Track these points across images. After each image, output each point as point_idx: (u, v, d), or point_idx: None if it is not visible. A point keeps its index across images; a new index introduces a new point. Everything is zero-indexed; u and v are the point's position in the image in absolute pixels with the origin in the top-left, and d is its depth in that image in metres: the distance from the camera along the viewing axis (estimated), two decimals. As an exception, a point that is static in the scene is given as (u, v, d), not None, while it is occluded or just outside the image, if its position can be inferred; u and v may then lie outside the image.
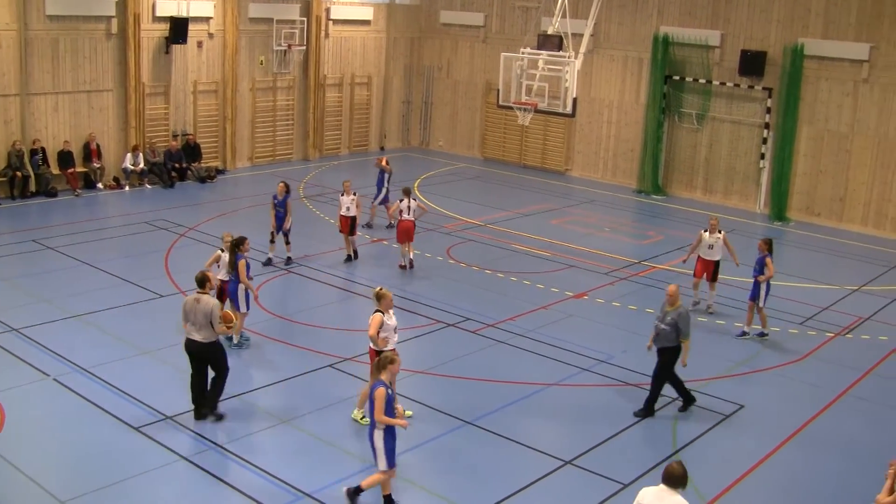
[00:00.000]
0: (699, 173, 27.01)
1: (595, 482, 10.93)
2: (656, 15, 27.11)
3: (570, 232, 22.57)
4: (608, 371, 14.19)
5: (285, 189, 18.18)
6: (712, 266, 16.86)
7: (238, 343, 14.33)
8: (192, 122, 26.62)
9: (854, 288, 19.21)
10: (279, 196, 18.13)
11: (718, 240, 16.76)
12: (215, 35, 26.69)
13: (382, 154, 28.83)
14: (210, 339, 11.66)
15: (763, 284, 15.60)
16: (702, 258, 16.92)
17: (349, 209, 18.74)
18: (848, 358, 15.29)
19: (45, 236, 19.71)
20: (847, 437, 12.52)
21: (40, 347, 13.86)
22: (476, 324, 15.92)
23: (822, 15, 24.13)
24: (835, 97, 24.23)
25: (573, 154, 29.76)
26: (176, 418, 11.87)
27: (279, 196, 18.13)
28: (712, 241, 16.80)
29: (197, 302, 11.56)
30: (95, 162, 24.15)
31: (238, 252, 14.14)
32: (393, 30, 31.89)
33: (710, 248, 16.80)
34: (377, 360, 9.95)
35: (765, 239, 16.10)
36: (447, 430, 12.05)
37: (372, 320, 11.47)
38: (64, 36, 23.35)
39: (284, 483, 10.50)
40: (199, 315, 11.53)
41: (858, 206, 24.21)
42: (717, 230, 16.83)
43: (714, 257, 16.82)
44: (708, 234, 16.86)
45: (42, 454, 11.05)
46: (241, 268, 14.04)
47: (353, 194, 18.88)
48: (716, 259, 16.83)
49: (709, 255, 16.81)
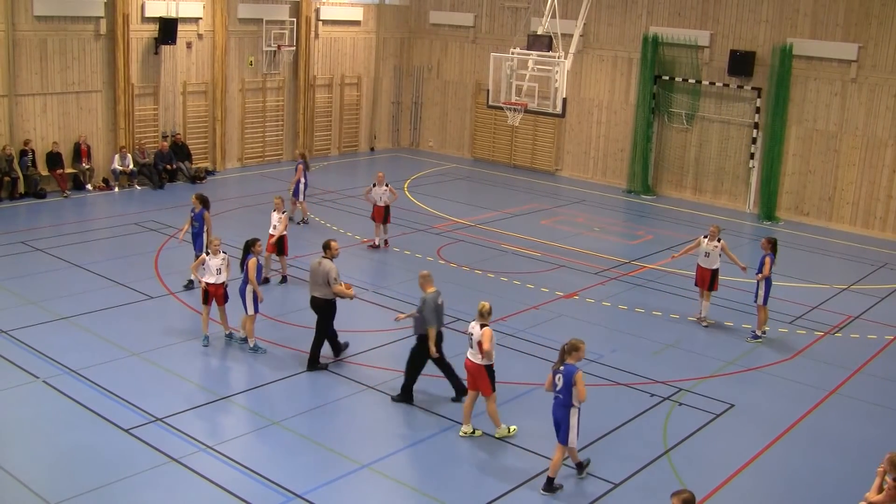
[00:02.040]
0: (689, 173, 27.09)
1: (586, 481, 10.94)
2: (646, 15, 27.17)
3: (559, 232, 22.60)
4: (598, 370, 14.20)
5: (199, 201, 16.53)
6: (709, 275, 16.22)
7: (253, 348, 14.16)
8: (181, 123, 26.55)
9: (843, 287, 19.30)
10: (195, 209, 16.52)
11: (716, 248, 16.09)
12: (204, 36, 26.63)
13: (373, 154, 28.79)
14: (326, 297, 13.51)
15: (762, 283, 15.49)
16: (699, 266, 16.39)
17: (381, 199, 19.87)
18: (837, 356, 15.36)
19: (33, 238, 19.63)
20: (837, 436, 12.57)
21: (29, 350, 13.80)
22: (466, 324, 15.87)
23: (810, 15, 24.23)
24: (823, 97, 24.33)
25: (563, 154, 29.80)
26: (166, 420, 11.84)
27: (195, 209, 16.52)
28: (708, 249, 16.14)
29: (319, 265, 13.47)
30: (84, 163, 24.06)
31: (250, 252, 14.03)
32: (382, 30, 31.87)
33: (705, 256, 16.19)
34: (568, 345, 10.49)
35: (769, 238, 15.87)
36: (439, 431, 12.04)
37: (486, 334, 11.38)
38: (52, 36, 23.26)
39: (275, 484, 10.48)
40: (318, 276, 13.42)
41: (847, 205, 24.32)
42: (717, 238, 16.13)
43: (710, 266, 16.18)
44: (707, 240, 16.23)
45: (31, 456, 11.00)
46: (252, 268, 13.89)
47: (386, 185, 19.92)
48: (712, 268, 16.18)
49: (705, 262, 16.21)
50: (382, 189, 19.86)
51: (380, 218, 20.05)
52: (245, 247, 14.19)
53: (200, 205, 16.52)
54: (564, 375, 10.40)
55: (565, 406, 10.46)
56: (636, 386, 13.69)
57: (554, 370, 10.58)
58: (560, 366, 10.49)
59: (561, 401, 10.47)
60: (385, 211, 20.02)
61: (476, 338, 11.47)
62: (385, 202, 19.93)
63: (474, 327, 11.56)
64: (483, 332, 11.39)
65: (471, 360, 11.62)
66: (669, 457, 11.63)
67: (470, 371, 11.67)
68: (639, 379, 13.96)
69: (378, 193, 19.87)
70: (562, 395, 10.45)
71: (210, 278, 14.19)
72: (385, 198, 19.90)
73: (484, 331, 11.41)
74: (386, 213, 20.09)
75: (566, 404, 10.45)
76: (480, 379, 11.58)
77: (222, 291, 14.27)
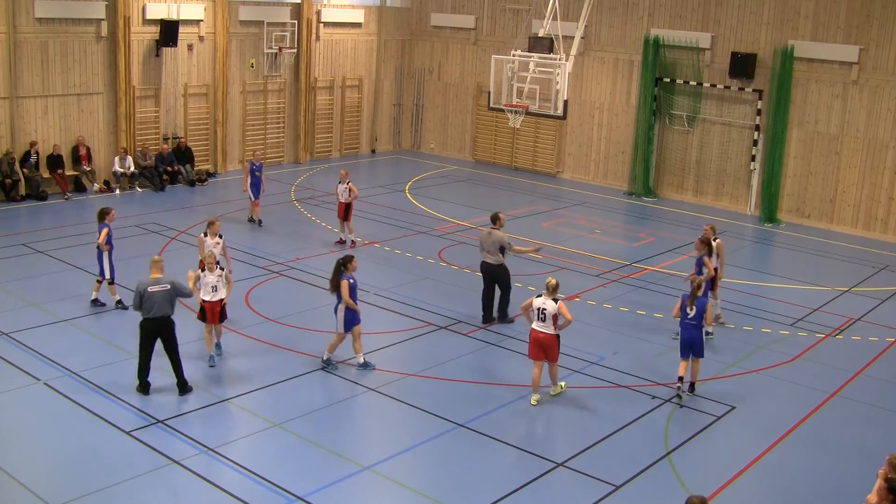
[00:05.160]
0: (690, 175, 27.08)
1: (587, 484, 10.94)
2: (647, 17, 27.18)
3: (561, 234, 22.60)
4: (599, 373, 14.20)
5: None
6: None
7: (326, 361, 13.77)
8: (182, 125, 26.56)
9: (844, 289, 19.28)
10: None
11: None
12: (206, 38, 26.65)
13: (374, 156, 28.79)
14: (498, 262, 15.68)
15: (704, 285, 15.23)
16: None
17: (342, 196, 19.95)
18: (838, 359, 15.34)
19: (34, 240, 19.63)
20: (838, 438, 12.56)
21: (30, 352, 13.80)
22: (468, 326, 15.92)
23: (811, 17, 24.24)
24: (824, 99, 24.33)
25: (564, 156, 29.79)
26: (167, 422, 11.84)
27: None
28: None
29: (489, 234, 15.67)
30: (85, 165, 24.08)
31: (343, 272, 13.43)
32: (384, 32, 31.89)
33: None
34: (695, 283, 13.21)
35: (702, 238, 15.78)
36: (439, 433, 12.03)
37: (562, 307, 12.69)
38: (53, 39, 23.28)
39: (276, 486, 10.47)
40: (489, 244, 15.64)
41: (848, 207, 24.31)
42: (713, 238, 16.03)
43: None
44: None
45: (32, 459, 11.00)
46: (344, 289, 13.38)
47: (348, 182, 20.01)
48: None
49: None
50: (343, 186, 20.00)
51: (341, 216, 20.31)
52: (338, 266, 13.49)
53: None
54: (698, 306, 13.05)
55: (699, 328, 13.15)
56: (638, 388, 13.68)
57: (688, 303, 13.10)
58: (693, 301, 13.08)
59: (696, 325, 13.12)
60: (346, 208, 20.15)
61: (551, 311, 12.66)
62: (346, 199, 20.05)
63: (545, 302, 12.71)
64: (559, 306, 12.65)
65: (543, 332, 12.77)
66: (671, 459, 11.62)
67: (542, 342, 12.78)
68: (640, 381, 13.95)
69: (340, 190, 20.07)
70: (695, 321, 13.10)
71: (206, 296, 13.60)
72: (346, 195, 20.02)
73: (559, 304, 12.66)
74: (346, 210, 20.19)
75: (700, 327, 13.16)
76: (552, 348, 12.84)
77: (219, 309, 13.70)
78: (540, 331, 12.79)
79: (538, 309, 12.78)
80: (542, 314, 12.75)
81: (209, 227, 15.38)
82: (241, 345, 14.63)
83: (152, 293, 12.31)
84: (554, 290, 12.78)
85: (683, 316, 13.18)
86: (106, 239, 15.46)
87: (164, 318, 12.44)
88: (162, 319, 12.42)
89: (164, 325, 12.46)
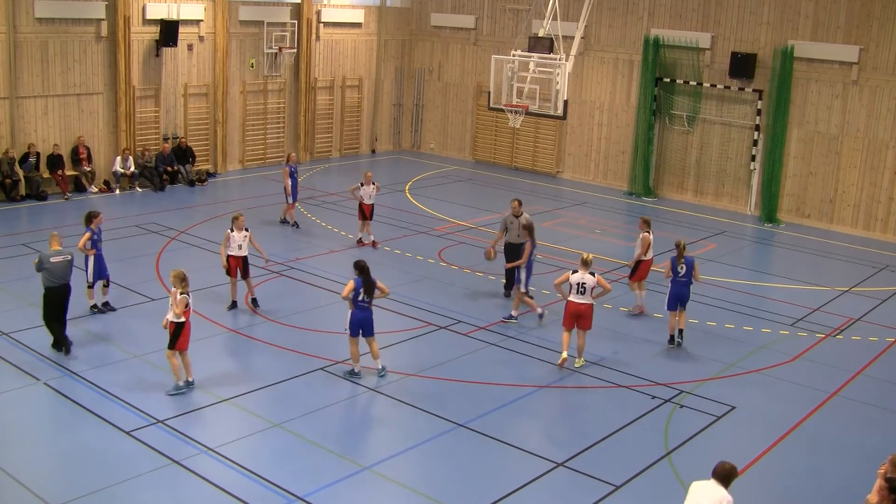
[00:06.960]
0: (690, 175, 27.09)
1: (587, 484, 10.94)
2: (647, 17, 27.18)
3: (561, 234, 22.59)
4: (599, 372, 14.20)
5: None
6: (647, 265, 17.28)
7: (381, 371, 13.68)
8: (182, 125, 26.56)
9: (844, 289, 19.28)
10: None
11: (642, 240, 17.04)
12: (206, 38, 26.65)
13: (374, 156, 28.80)
14: (516, 242, 16.71)
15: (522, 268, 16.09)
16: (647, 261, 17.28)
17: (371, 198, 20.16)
18: (838, 359, 15.35)
19: (34, 240, 19.61)
20: (838, 438, 12.57)
21: (30, 352, 13.80)
22: (468, 326, 15.92)
23: (811, 17, 24.24)
24: (824, 99, 24.33)
25: (564, 156, 29.80)
26: (167, 422, 11.84)
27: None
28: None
29: (515, 216, 16.78)
30: (85, 165, 24.08)
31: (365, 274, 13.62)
32: (384, 32, 31.89)
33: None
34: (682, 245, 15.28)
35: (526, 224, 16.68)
36: (439, 433, 12.04)
37: (600, 279, 14.05)
38: (53, 39, 23.28)
39: (277, 486, 10.47)
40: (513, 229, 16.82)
41: (848, 207, 24.32)
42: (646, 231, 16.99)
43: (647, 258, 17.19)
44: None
45: (33, 459, 11.00)
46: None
47: (373, 183, 20.21)
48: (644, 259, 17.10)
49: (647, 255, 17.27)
50: (370, 188, 20.10)
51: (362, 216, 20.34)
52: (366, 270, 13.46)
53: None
54: (687, 264, 15.01)
55: (688, 284, 15.12)
56: (637, 388, 13.68)
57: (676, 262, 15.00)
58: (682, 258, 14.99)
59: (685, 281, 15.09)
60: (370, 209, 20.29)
61: (591, 284, 13.95)
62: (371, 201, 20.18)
63: (584, 276, 13.97)
64: (597, 279, 13.99)
65: (581, 303, 14.00)
66: (671, 459, 11.63)
67: (580, 311, 14.00)
68: (640, 381, 13.96)
69: (367, 192, 20.08)
70: (686, 278, 15.05)
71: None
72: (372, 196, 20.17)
73: (597, 277, 14.01)
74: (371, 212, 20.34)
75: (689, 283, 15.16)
76: (587, 317, 14.07)
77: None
78: (580, 302, 13.99)
79: (577, 283, 13.98)
80: (581, 287, 13.97)
81: (234, 222, 16.02)
82: (241, 345, 14.63)
83: (55, 263, 13.61)
84: (587, 263, 14.07)
85: (675, 274, 15.07)
86: (89, 244, 15.34)
87: (65, 287, 13.82)
88: (62, 287, 13.76)
89: (65, 292, 13.82)
